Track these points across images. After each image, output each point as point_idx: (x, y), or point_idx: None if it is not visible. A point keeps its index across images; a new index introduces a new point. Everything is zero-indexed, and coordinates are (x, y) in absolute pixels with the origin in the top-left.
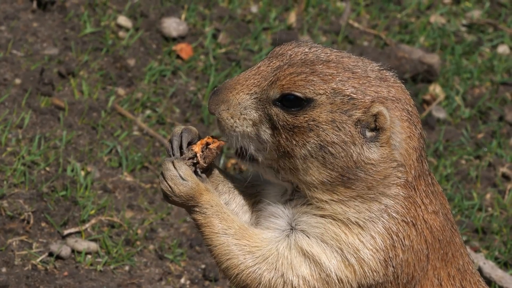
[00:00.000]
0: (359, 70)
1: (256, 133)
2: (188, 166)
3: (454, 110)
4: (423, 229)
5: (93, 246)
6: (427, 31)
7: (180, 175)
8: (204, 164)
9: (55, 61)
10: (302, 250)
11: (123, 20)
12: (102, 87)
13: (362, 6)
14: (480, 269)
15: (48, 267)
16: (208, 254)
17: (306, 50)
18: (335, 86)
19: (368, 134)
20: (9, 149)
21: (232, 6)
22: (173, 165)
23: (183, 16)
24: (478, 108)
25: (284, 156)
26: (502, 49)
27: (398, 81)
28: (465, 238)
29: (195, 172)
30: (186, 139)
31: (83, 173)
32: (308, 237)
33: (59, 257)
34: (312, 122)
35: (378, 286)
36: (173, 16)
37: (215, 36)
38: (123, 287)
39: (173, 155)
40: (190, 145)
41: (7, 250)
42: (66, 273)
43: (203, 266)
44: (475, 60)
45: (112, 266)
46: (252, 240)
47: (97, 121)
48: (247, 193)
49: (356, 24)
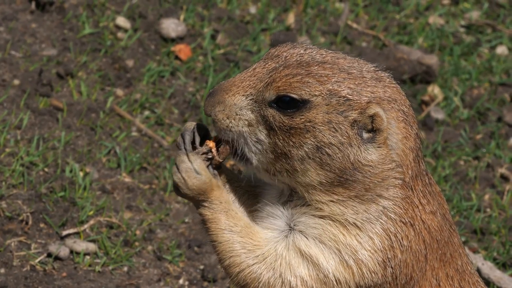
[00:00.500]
0: (354, 71)
1: (252, 134)
2: (202, 161)
3: (452, 111)
4: (421, 229)
5: (92, 247)
6: (426, 32)
7: (194, 168)
8: (220, 160)
9: (53, 62)
10: (300, 251)
11: (121, 21)
12: (100, 88)
13: (360, 7)
14: (478, 270)
15: (47, 268)
16: (207, 255)
17: (302, 51)
18: (331, 87)
19: (365, 135)
20: (7, 150)
21: (231, 7)
22: (188, 158)
23: (182, 17)
24: (476, 109)
25: (281, 158)
26: (501, 50)
27: (394, 82)
28: (463, 239)
29: (207, 167)
30: (199, 134)
31: (81, 174)
32: (306, 237)
33: (57, 258)
34: (308, 123)
35: (377, 287)
36: (171, 17)
37: (213, 37)
38: None
39: (185, 149)
40: (202, 141)
41: (5, 251)
42: (64, 274)
43: (202, 267)
44: (473, 61)
45: (110, 267)
46: (255, 239)
47: (95, 122)
48: (250, 194)
49: (354, 25)
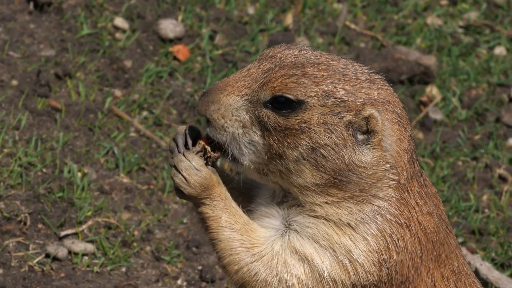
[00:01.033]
0: (349, 73)
1: (246, 135)
2: (199, 158)
3: (450, 112)
4: (417, 230)
5: (90, 247)
6: (424, 32)
7: (193, 166)
8: (215, 155)
9: (51, 62)
10: (296, 250)
11: (119, 21)
12: (98, 88)
13: (359, 8)
14: (476, 271)
15: (45, 269)
16: (205, 256)
17: (296, 52)
18: (326, 88)
19: (360, 137)
20: (5, 151)
21: (229, 8)
22: (185, 157)
23: (180, 18)
24: (474, 110)
25: (276, 158)
26: (499, 50)
27: (387, 84)
28: (461, 240)
29: (206, 164)
30: (190, 136)
31: (79, 174)
32: (301, 237)
33: (55, 259)
34: (304, 124)
35: (372, 287)
36: (169, 17)
37: (211, 38)
38: None
39: (179, 152)
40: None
41: (3, 251)
42: (62, 275)
43: (200, 267)
44: (471, 61)
45: (108, 268)
46: (253, 236)
47: (93, 122)
48: (244, 195)
49: (353, 26)
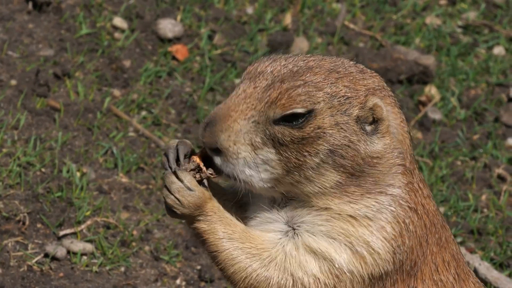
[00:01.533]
0: (341, 69)
1: (260, 156)
2: (192, 176)
3: (449, 111)
4: (422, 214)
5: (89, 247)
6: (423, 32)
7: (186, 186)
8: (208, 174)
9: (50, 62)
10: (311, 248)
11: (118, 21)
12: (97, 88)
13: (357, 7)
14: (475, 270)
15: (44, 268)
16: (204, 256)
17: (284, 62)
18: (329, 90)
19: (368, 128)
20: (4, 150)
21: (228, 7)
22: (177, 176)
23: (179, 17)
24: (473, 109)
25: (293, 171)
26: (498, 50)
27: (373, 71)
28: (460, 239)
29: (198, 182)
30: (182, 151)
31: (78, 174)
32: (314, 235)
33: (54, 258)
34: (318, 130)
35: (385, 276)
36: (168, 17)
37: (210, 37)
38: None
39: (170, 167)
40: (186, 157)
41: (2, 251)
42: (61, 274)
43: (199, 267)
44: (470, 61)
45: (107, 267)
46: (257, 243)
47: (92, 122)
48: (237, 206)
49: (351, 25)
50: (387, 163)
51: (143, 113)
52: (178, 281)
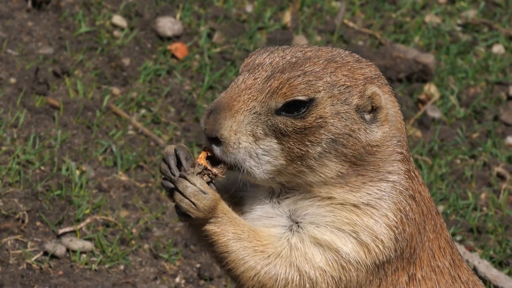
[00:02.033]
0: (338, 59)
1: (261, 146)
2: (202, 179)
3: (449, 110)
4: (419, 201)
5: (88, 245)
6: (422, 30)
7: (200, 189)
8: (218, 174)
9: (50, 60)
10: (316, 240)
11: (118, 19)
12: (97, 86)
13: (357, 6)
14: (475, 269)
15: (43, 266)
16: (203, 254)
17: (281, 53)
18: (329, 79)
19: (367, 116)
20: (4, 148)
21: (227, 6)
22: (189, 181)
23: (178, 16)
24: (473, 108)
25: (296, 160)
26: (497, 48)
27: (368, 60)
28: (460, 238)
29: (208, 183)
30: (183, 156)
31: (78, 172)
32: (318, 226)
33: (54, 256)
34: (320, 119)
35: (386, 264)
36: (168, 15)
37: (210, 36)
38: (118, 286)
39: (173, 175)
40: (187, 161)
41: (2, 249)
42: (61, 272)
43: (198, 265)
44: (470, 59)
45: (107, 265)
46: (263, 239)
47: (92, 120)
48: (232, 198)
49: (351, 24)
50: (386, 150)
51: (143, 111)
52: (177, 279)
